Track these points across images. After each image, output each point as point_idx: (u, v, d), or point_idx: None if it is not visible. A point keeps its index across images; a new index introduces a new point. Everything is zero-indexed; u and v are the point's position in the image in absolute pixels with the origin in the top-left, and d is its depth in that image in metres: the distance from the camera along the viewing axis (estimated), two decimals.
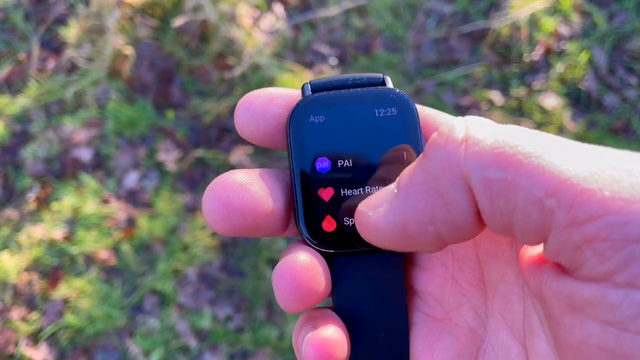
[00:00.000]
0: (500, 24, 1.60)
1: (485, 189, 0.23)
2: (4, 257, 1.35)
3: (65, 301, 1.32)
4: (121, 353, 1.27)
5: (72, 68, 1.59)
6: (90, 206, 1.40)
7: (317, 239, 0.31)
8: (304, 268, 0.29)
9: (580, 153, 0.22)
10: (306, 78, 1.50)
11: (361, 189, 0.31)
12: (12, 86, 1.59)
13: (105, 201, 1.41)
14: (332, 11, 1.63)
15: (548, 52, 1.60)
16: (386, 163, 0.31)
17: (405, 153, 0.31)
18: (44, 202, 1.43)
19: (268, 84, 1.50)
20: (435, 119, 0.33)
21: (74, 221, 1.40)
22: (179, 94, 1.55)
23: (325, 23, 1.64)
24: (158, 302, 1.32)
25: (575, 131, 1.49)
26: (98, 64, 1.55)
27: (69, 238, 1.38)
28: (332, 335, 0.28)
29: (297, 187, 0.31)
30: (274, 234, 0.31)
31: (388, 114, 0.31)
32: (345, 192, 0.31)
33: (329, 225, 0.31)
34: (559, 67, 1.57)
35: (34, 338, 1.29)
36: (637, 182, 0.20)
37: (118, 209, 1.40)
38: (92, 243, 1.36)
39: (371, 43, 1.62)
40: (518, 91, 1.55)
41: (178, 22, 1.50)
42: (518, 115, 1.52)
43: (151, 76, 1.55)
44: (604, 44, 1.61)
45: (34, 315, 1.30)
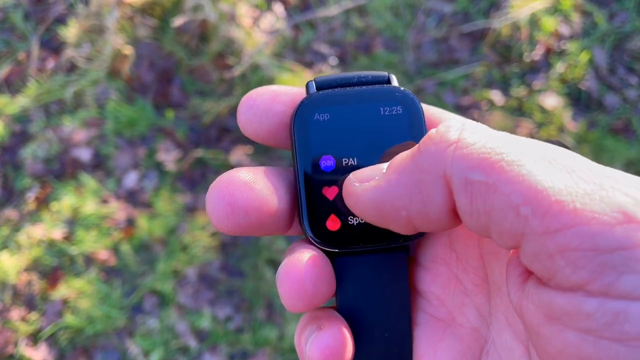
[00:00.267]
0: (500, 24, 1.60)
1: (465, 189, 0.24)
2: (4, 257, 1.34)
3: (64, 301, 1.31)
4: (121, 353, 1.27)
5: (72, 68, 1.59)
6: (89, 206, 1.40)
7: (321, 238, 0.31)
8: (310, 268, 0.28)
9: (560, 166, 0.23)
10: (306, 78, 1.50)
11: None
12: (12, 86, 1.59)
13: (104, 201, 1.41)
14: (332, 11, 1.63)
15: (548, 52, 1.60)
16: None
17: None
18: (44, 202, 1.43)
19: (268, 84, 1.49)
20: (440, 118, 0.33)
21: (74, 221, 1.39)
22: (179, 94, 1.55)
23: (325, 23, 1.64)
24: (158, 303, 1.31)
25: (575, 131, 1.49)
26: (98, 64, 1.55)
27: (69, 238, 1.38)
28: (338, 336, 0.28)
29: (302, 186, 0.31)
30: (278, 233, 0.31)
31: (393, 113, 0.31)
32: None
33: (334, 224, 0.31)
34: (560, 67, 1.57)
35: (34, 338, 1.29)
36: (607, 196, 0.21)
37: (118, 209, 1.39)
38: (92, 243, 1.36)
39: (371, 43, 1.62)
40: (518, 91, 1.55)
41: (178, 22, 1.50)
42: (518, 115, 1.52)
43: (151, 76, 1.55)
44: (605, 44, 1.61)
45: (34, 315, 1.30)
